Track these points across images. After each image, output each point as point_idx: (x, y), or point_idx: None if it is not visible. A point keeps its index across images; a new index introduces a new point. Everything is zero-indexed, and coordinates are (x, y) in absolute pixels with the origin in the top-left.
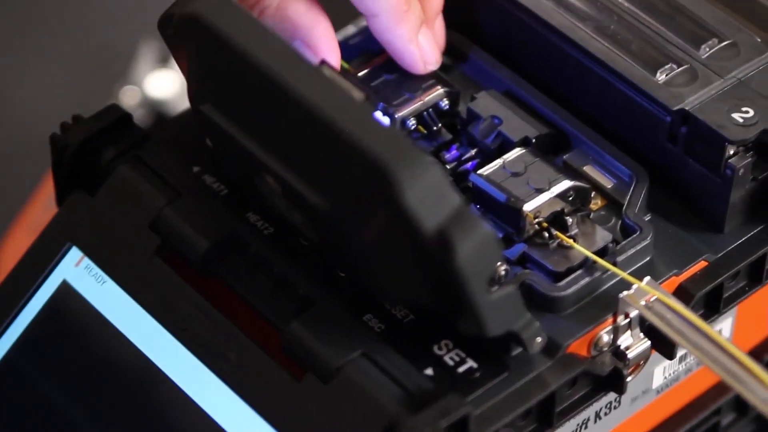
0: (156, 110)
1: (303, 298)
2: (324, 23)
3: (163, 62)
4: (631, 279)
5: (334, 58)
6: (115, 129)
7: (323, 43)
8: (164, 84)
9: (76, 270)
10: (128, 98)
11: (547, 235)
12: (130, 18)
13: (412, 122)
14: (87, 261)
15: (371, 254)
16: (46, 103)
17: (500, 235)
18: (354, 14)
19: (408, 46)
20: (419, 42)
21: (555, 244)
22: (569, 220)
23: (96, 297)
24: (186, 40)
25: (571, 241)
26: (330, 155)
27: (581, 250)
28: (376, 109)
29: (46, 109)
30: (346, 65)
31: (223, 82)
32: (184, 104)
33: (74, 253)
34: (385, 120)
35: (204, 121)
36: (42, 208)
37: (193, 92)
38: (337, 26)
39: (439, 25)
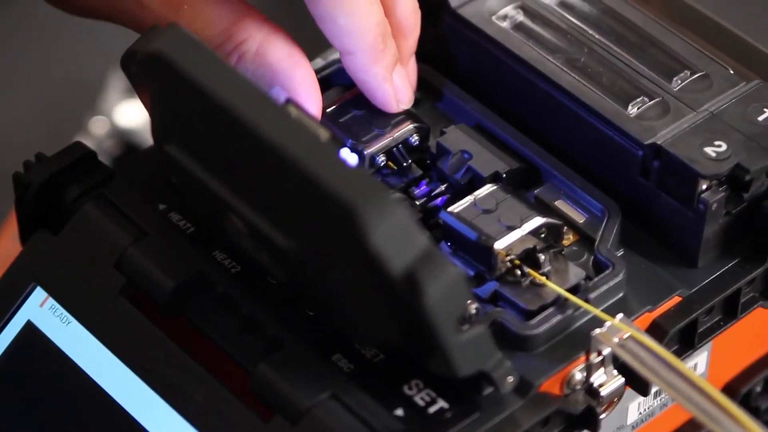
0: (125, 140)
1: (271, 339)
2: (304, 68)
3: (132, 92)
4: (603, 316)
5: (315, 106)
6: (79, 167)
7: (303, 90)
8: (134, 114)
9: (41, 310)
10: (97, 128)
11: (519, 272)
12: (99, 48)
13: (381, 158)
14: (51, 301)
15: (340, 295)
16: (16, 134)
17: (471, 274)
18: (324, 45)
19: (382, 85)
20: (393, 81)
21: (527, 282)
22: (541, 257)
23: (61, 338)
24: (149, 79)
25: (543, 278)
26: (296, 196)
27: (554, 287)
28: (344, 147)
29: (15, 140)
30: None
31: (187, 122)
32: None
33: (38, 294)
34: (353, 158)
35: (168, 160)
36: (11, 240)
37: (156, 131)
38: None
39: (413, 63)
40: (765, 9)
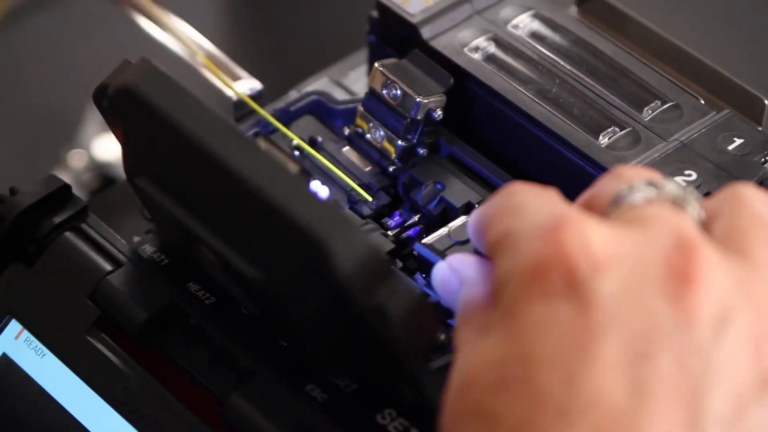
0: (103, 173)
1: (244, 370)
2: None
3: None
4: None
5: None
6: (53, 200)
7: None
8: (111, 147)
9: (16, 343)
10: (75, 161)
11: None
12: (76, 81)
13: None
14: (26, 334)
15: (310, 326)
16: None
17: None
18: (299, 76)
19: None
20: None
21: None
22: None
23: (36, 370)
24: (120, 113)
25: None
26: (265, 228)
27: None
28: (313, 180)
29: None
30: (289, 133)
31: (157, 155)
32: None
33: (13, 326)
34: (323, 191)
35: (140, 192)
36: None
37: (128, 164)
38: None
39: None
40: (734, 36)
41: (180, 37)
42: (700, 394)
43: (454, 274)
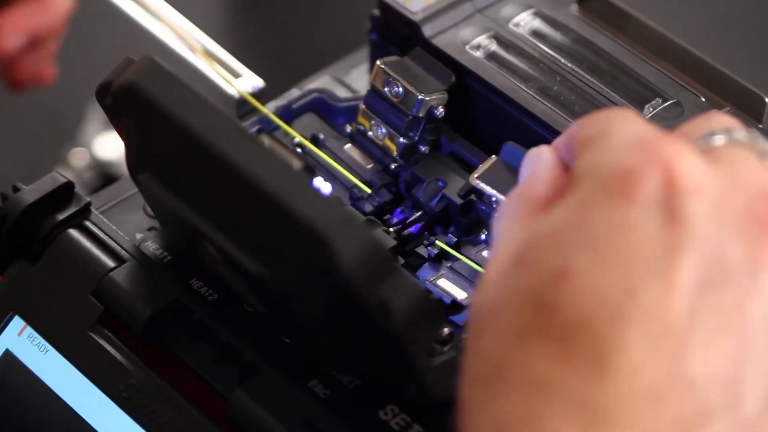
0: (105, 172)
1: (247, 366)
2: None
3: (111, 124)
4: None
5: None
6: (56, 197)
7: None
8: (113, 146)
9: (19, 339)
10: (77, 160)
11: None
12: (78, 81)
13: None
14: (30, 330)
15: (314, 322)
16: None
17: (447, 302)
18: (300, 74)
19: None
20: None
21: None
22: None
23: (39, 366)
24: (123, 109)
25: None
26: (269, 224)
27: None
28: (316, 176)
29: None
30: (291, 130)
31: (161, 152)
32: None
33: (17, 323)
34: (326, 187)
35: (143, 189)
36: None
37: (131, 161)
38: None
39: None
40: (735, 34)
41: (182, 35)
42: (750, 341)
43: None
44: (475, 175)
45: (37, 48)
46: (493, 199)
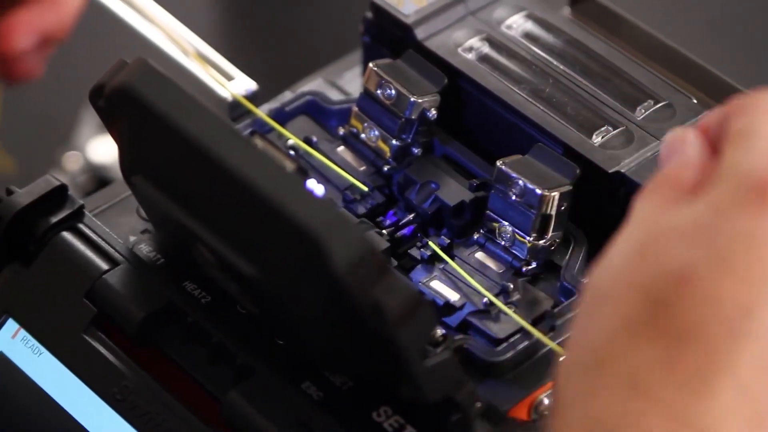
0: (98, 175)
1: (241, 367)
2: None
3: (104, 128)
4: (559, 349)
5: None
6: (50, 200)
7: None
8: (106, 149)
9: (13, 342)
10: (71, 163)
11: (488, 300)
12: (72, 83)
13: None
14: (23, 333)
15: (307, 323)
16: None
17: (440, 303)
18: (303, 72)
19: None
20: None
21: (496, 310)
22: (510, 286)
23: (33, 369)
24: (117, 112)
25: (509, 310)
26: (262, 226)
27: (517, 319)
28: (309, 178)
29: None
30: (285, 132)
31: (154, 154)
32: None
33: (10, 325)
34: (318, 189)
35: (136, 191)
36: None
37: (124, 163)
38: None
39: None
40: (726, 36)
41: (175, 38)
42: None
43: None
44: (500, 162)
45: (44, 47)
46: (520, 182)
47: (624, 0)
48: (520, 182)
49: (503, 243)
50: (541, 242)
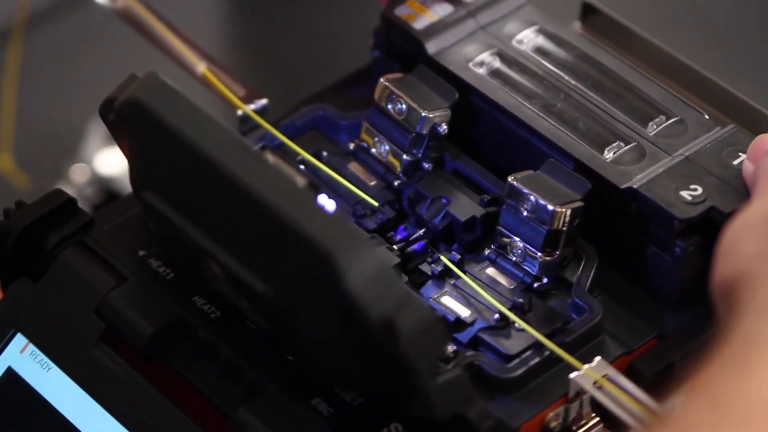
0: (106, 188)
1: (251, 384)
2: None
3: (112, 140)
4: (576, 363)
5: None
6: (59, 214)
7: None
8: (114, 162)
9: (21, 357)
10: (78, 176)
11: (499, 317)
12: (79, 96)
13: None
14: (32, 348)
15: (318, 340)
16: None
17: (451, 319)
18: (314, 86)
19: None
20: None
21: (507, 327)
22: (521, 301)
23: (41, 384)
24: (127, 126)
25: (525, 324)
26: (273, 242)
27: (533, 332)
28: (320, 193)
29: None
30: (295, 147)
31: (164, 168)
32: None
33: (19, 340)
34: (330, 204)
35: (146, 206)
36: None
37: (135, 178)
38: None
39: None
40: (738, 51)
41: (185, 52)
42: None
43: None
44: (511, 177)
45: None
46: (531, 198)
47: (633, 13)
48: (532, 198)
49: (514, 259)
50: (553, 258)
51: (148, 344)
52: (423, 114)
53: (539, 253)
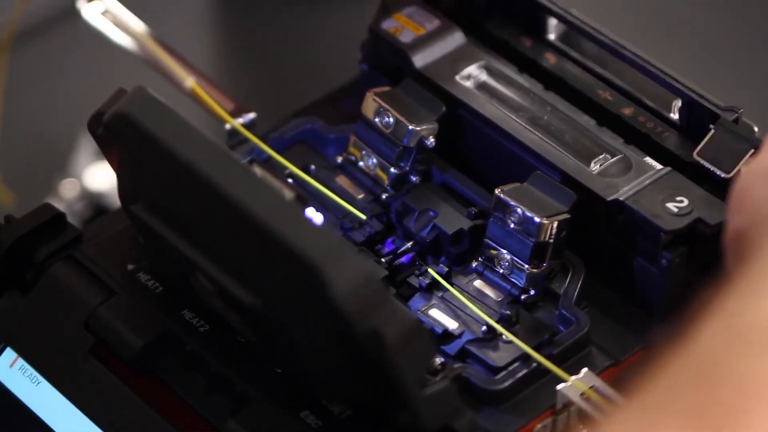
0: (95, 203)
1: (240, 396)
2: None
3: (101, 155)
4: (563, 375)
5: None
6: (48, 228)
7: None
8: (103, 176)
9: (11, 371)
10: (67, 191)
11: (486, 329)
12: (68, 110)
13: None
14: (21, 362)
15: (306, 352)
16: None
17: (439, 331)
18: (302, 100)
19: None
20: None
21: (494, 339)
22: (509, 314)
23: (31, 398)
24: (115, 139)
25: (513, 336)
26: (261, 254)
27: (520, 344)
28: (308, 206)
29: None
30: (283, 160)
31: (153, 182)
32: None
33: (8, 354)
34: (318, 217)
35: (135, 220)
36: None
37: (123, 191)
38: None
39: None
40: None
41: (173, 66)
42: None
43: None
44: (498, 190)
45: None
46: (518, 210)
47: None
48: (519, 210)
49: (501, 271)
50: (540, 270)
51: (137, 358)
52: (410, 127)
53: (526, 266)
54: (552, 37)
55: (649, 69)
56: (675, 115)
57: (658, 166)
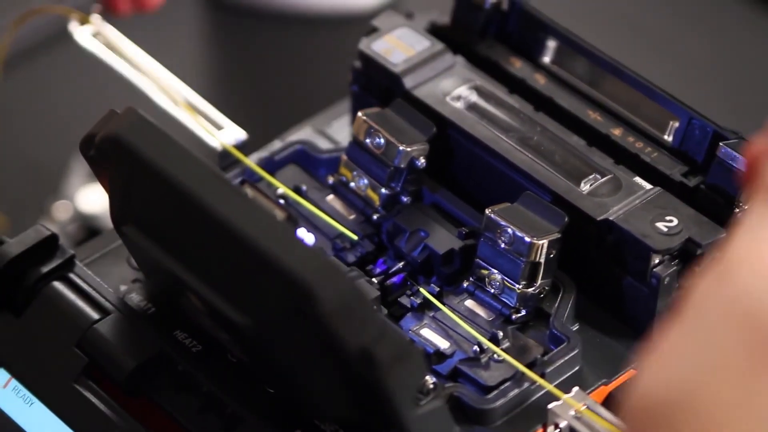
0: (88, 224)
1: (232, 416)
2: None
3: (94, 177)
4: (557, 392)
5: None
6: (41, 250)
7: None
8: (96, 198)
9: (4, 392)
10: (60, 213)
11: (478, 348)
12: (61, 133)
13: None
14: (14, 383)
15: (297, 372)
16: None
17: (430, 351)
18: (293, 121)
19: None
20: None
21: (486, 358)
22: (500, 333)
23: (24, 419)
24: (107, 161)
25: (505, 354)
26: (253, 275)
27: (512, 362)
28: (299, 227)
29: None
30: (275, 181)
31: (144, 203)
32: None
33: (1, 375)
34: (309, 238)
35: (126, 240)
36: None
37: (115, 212)
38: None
39: None
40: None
41: (164, 88)
42: None
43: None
44: (488, 210)
45: None
46: (509, 230)
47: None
48: (509, 230)
49: (492, 291)
50: (531, 290)
51: (129, 378)
52: (401, 148)
53: (517, 285)
54: (545, 59)
55: (652, 89)
56: (669, 137)
57: (648, 186)
